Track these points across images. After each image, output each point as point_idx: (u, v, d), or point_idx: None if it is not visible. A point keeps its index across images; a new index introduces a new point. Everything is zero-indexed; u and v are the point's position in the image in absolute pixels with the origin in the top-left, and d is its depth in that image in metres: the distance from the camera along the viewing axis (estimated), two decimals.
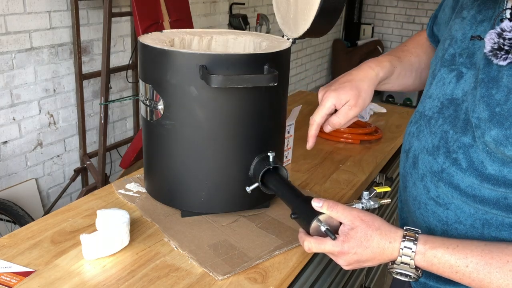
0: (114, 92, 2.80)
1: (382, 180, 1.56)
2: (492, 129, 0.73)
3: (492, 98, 0.74)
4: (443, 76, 0.86)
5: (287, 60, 1.08)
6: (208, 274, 0.89)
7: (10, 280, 0.85)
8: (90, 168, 2.62)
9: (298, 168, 1.38)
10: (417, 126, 0.89)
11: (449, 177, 0.80)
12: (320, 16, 1.06)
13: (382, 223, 0.80)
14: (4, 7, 2.16)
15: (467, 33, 0.84)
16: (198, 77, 0.94)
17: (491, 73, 0.75)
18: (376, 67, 1.00)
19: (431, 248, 0.75)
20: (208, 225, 1.05)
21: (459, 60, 0.83)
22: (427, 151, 0.85)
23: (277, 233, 1.03)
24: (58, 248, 0.95)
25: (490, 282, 0.72)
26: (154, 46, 0.98)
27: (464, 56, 0.83)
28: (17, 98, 2.33)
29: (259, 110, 1.02)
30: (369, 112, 1.88)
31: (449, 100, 0.82)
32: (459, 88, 0.81)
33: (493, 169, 0.74)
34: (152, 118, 1.04)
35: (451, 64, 0.85)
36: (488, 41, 0.74)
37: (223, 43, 1.19)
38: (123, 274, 0.88)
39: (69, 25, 2.47)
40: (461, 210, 0.79)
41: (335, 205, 0.81)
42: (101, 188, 1.21)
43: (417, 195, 0.87)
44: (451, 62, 0.85)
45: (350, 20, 5.99)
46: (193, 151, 1.02)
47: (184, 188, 1.05)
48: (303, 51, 5.01)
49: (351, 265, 0.82)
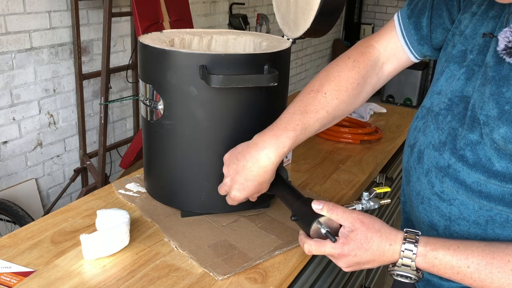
0: (114, 92, 2.80)
1: (382, 180, 1.56)
2: (501, 127, 0.73)
3: (502, 96, 0.74)
4: (453, 72, 0.85)
5: (287, 60, 1.08)
6: (208, 274, 0.89)
7: (10, 280, 0.85)
8: (90, 168, 2.62)
9: (298, 168, 1.38)
10: (423, 122, 0.89)
11: (455, 173, 0.80)
12: (320, 16, 1.06)
13: (382, 225, 0.80)
14: (4, 7, 2.16)
15: (477, 29, 0.83)
16: (198, 77, 0.94)
17: (502, 71, 0.75)
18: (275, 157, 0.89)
19: (432, 249, 0.75)
20: (208, 225, 1.05)
21: (469, 57, 0.83)
22: (433, 146, 0.84)
23: (277, 233, 1.03)
24: (58, 248, 0.94)
25: (491, 282, 0.72)
26: (154, 46, 0.98)
27: (474, 53, 0.82)
28: (17, 98, 2.33)
29: (259, 110, 1.02)
30: (369, 112, 1.88)
31: (460, 97, 0.82)
32: (470, 86, 0.81)
33: (500, 165, 0.74)
34: (152, 118, 1.04)
35: (462, 61, 0.84)
36: (502, 39, 0.74)
37: (223, 43, 1.19)
38: (123, 274, 0.88)
39: (69, 25, 2.47)
40: (465, 206, 0.79)
41: (335, 207, 0.81)
42: (101, 188, 1.21)
43: (420, 190, 0.87)
44: (462, 59, 0.84)
45: (350, 20, 5.99)
46: (193, 151, 1.02)
47: (184, 188, 1.05)
48: (303, 51, 5.01)
49: (351, 267, 0.81)
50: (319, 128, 0.94)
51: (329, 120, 0.95)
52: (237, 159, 0.92)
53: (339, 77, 0.95)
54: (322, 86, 0.94)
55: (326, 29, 1.14)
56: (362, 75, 0.97)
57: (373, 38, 1.02)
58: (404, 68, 1.03)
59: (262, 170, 0.90)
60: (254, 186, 0.92)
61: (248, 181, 0.91)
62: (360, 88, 0.97)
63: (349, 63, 0.97)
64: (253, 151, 0.90)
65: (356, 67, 0.97)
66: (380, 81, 1.02)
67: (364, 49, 1.00)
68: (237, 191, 0.93)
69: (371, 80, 0.99)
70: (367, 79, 0.98)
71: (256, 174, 0.90)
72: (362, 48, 1.00)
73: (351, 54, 0.99)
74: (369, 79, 0.99)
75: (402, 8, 1.00)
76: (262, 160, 0.89)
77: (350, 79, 0.95)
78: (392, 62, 1.01)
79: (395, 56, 1.00)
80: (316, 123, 0.92)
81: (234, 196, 0.94)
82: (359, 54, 0.99)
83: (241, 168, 0.91)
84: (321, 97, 0.93)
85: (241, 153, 0.92)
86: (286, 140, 0.89)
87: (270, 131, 0.91)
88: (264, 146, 0.89)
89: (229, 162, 0.95)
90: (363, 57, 0.98)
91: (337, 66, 0.97)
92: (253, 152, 0.90)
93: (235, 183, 0.92)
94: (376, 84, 1.02)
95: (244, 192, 0.93)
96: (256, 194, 0.95)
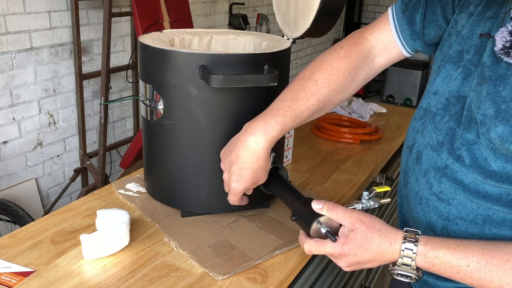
0: (114, 92, 2.80)
1: (382, 180, 1.56)
2: (498, 126, 0.73)
3: (498, 95, 0.74)
4: (449, 72, 0.85)
5: (287, 60, 1.08)
6: (208, 274, 0.89)
7: (10, 280, 0.85)
8: (90, 168, 2.62)
9: (298, 168, 1.38)
10: (422, 122, 0.89)
11: (452, 173, 0.80)
12: (320, 16, 1.06)
13: (382, 224, 0.80)
14: (4, 7, 2.16)
15: (474, 30, 0.83)
16: (198, 77, 0.94)
17: (499, 71, 0.75)
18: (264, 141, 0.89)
19: (432, 249, 0.75)
20: (208, 225, 1.05)
21: (466, 57, 0.83)
22: (431, 147, 0.85)
23: (277, 233, 1.03)
24: (58, 248, 0.94)
25: (491, 281, 0.72)
26: (154, 46, 0.98)
27: (471, 53, 0.82)
28: (17, 98, 2.33)
29: (259, 110, 1.01)
30: (369, 112, 1.88)
31: (456, 97, 0.82)
32: (467, 86, 0.81)
33: (497, 165, 0.74)
34: (152, 118, 1.04)
35: (458, 61, 0.84)
36: (499, 39, 0.74)
37: (223, 43, 1.19)
38: (123, 274, 0.88)
39: (69, 25, 2.47)
40: (463, 205, 0.79)
41: (335, 207, 0.81)
42: (101, 188, 1.21)
43: (418, 190, 0.87)
44: (458, 59, 0.84)
45: (350, 20, 5.99)
46: (193, 151, 1.02)
47: (184, 188, 1.05)
48: (303, 51, 5.01)
49: (351, 267, 0.82)
50: (309, 116, 0.94)
51: (319, 108, 0.95)
52: (230, 150, 0.93)
53: (331, 66, 0.96)
54: (314, 74, 0.95)
55: (326, 29, 1.14)
56: (354, 65, 0.97)
57: (367, 30, 1.02)
58: (395, 61, 1.04)
59: (254, 156, 0.89)
60: (251, 174, 0.91)
61: (243, 169, 0.91)
62: (351, 78, 0.98)
63: (341, 53, 0.98)
64: (242, 139, 0.90)
65: (348, 57, 0.97)
66: (371, 73, 1.03)
67: (357, 41, 1.00)
68: (235, 182, 0.92)
69: (362, 71, 1.00)
70: (359, 70, 0.99)
71: (249, 160, 0.90)
72: (355, 40, 1.01)
73: (344, 44, 1.00)
74: (361, 70, 0.99)
75: (396, 1, 1.01)
76: (252, 145, 0.89)
77: (341, 68, 0.96)
78: (384, 55, 1.02)
79: (387, 50, 1.01)
80: (306, 110, 0.93)
81: (234, 189, 0.93)
82: (352, 45, 0.99)
83: (234, 159, 0.91)
84: (312, 85, 0.94)
85: (232, 144, 0.93)
86: (275, 125, 0.89)
87: (259, 117, 0.91)
88: (252, 132, 0.89)
89: (224, 156, 0.95)
90: (355, 48, 0.99)
91: (330, 56, 0.98)
92: (243, 140, 0.90)
93: (232, 175, 0.92)
94: (367, 76, 1.03)
95: (242, 182, 0.92)
96: (254, 184, 0.95)
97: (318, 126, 1.68)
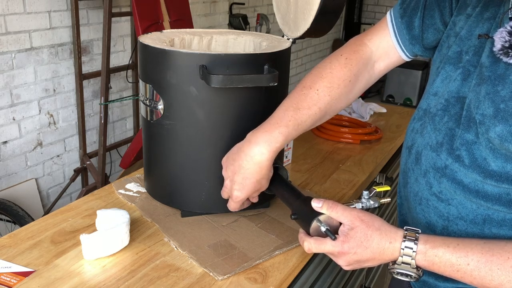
0: (114, 92, 2.80)
1: (382, 180, 1.56)
2: (497, 126, 0.73)
3: (497, 94, 0.74)
4: (448, 73, 0.86)
5: (287, 60, 1.08)
6: (208, 274, 0.89)
7: (10, 280, 0.85)
8: (90, 168, 2.62)
9: (298, 168, 1.38)
10: (421, 123, 0.89)
11: (452, 173, 0.80)
12: (320, 16, 1.06)
13: (382, 223, 0.80)
14: (4, 7, 2.16)
15: (472, 31, 0.84)
16: (198, 77, 0.94)
17: (498, 71, 0.75)
18: (268, 152, 0.90)
19: (432, 247, 0.75)
20: (208, 225, 1.05)
21: (465, 57, 0.83)
22: (430, 147, 0.85)
23: (277, 233, 1.03)
24: (58, 248, 0.94)
25: (491, 280, 0.72)
26: (154, 46, 0.98)
27: (470, 54, 0.83)
28: (17, 98, 2.33)
29: (259, 110, 1.02)
30: (369, 112, 1.88)
31: (456, 98, 0.82)
32: (466, 86, 0.81)
33: (496, 165, 0.74)
34: (152, 118, 1.04)
35: (457, 62, 0.84)
36: (498, 39, 0.74)
37: (223, 43, 1.19)
38: (123, 274, 0.88)
39: (69, 25, 2.47)
40: (463, 205, 0.80)
41: (335, 205, 0.81)
42: (101, 188, 1.21)
43: (418, 191, 0.87)
44: (457, 60, 0.84)
45: (350, 20, 5.99)
46: (193, 151, 1.02)
47: (184, 188, 1.05)
48: (303, 51, 5.01)
49: (351, 265, 0.82)
50: (311, 124, 0.96)
51: (321, 116, 0.97)
52: (233, 159, 0.94)
53: (332, 74, 0.96)
54: (315, 83, 0.96)
55: (326, 29, 1.14)
56: (354, 72, 0.98)
57: (366, 36, 1.03)
58: (395, 66, 1.05)
59: (258, 167, 0.91)
60: (253, 184, 0.93)
61: (246, 179, 0.92)
62: (352, 86, 0.99)
63: (341, 61, 0.98)
64: (246, 149, 0.91)
65: (348, 64, 0.98)
66: (371, 78, 1.03)
67: (357, 47, 1.01)
68: (237, 191, 0.94)
69: (362, 78, 1.01)
70: (359, 77, 1.00)
71: (253, 171, 0.91)
72: (354, 46, 1.01)
73: (343, 52, 1.00)
74: (361, 76, 1.00)
75: (394, 6, 1.01)
76: (256, 156, 0.90)
77: (342, 76, 0.97)
78: (384, 60, 1.02)
79: (387, 55, 1.02)
80: (309, 119, 0.94)
81: (236, 197, 0.94)
82: (351, 52, 1.00)
83: (237, 168, 0.92)
84: (313, 94, 0.94)
85: (236, 153, 0.94)
86: (278, 136, 0.90)
87: (263, 127, 0.92)
88: (257, 142, 0.90)
89: (226, 164, 0.96)
90: (355, 55, 0.99)
91: (330, 64, 0.98)
92: (246, 150, 0.91)
93: (234, 184, 0.94)
94: (368, 82, 1.03)
95: (244, 191, 0.93)
96: (256, 192, 0.96)
97: (318, 126, 1.68)
